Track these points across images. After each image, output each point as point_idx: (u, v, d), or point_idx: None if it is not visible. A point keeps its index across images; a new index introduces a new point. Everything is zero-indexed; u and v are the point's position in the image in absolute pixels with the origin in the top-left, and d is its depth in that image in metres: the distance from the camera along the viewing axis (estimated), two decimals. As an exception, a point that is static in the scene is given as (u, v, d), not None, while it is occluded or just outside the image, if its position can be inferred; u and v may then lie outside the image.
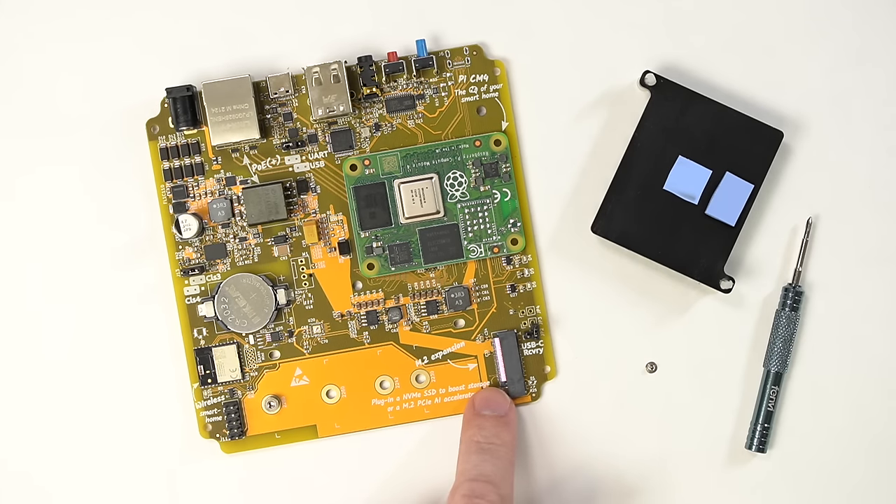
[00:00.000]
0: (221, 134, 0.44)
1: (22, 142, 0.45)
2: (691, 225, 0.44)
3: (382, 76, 0.45)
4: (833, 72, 0.46)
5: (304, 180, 0.45)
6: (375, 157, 0.45)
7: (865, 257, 0.46)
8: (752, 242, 0.46)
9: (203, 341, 0.44)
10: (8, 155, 0.45)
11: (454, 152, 0.45)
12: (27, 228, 0.45)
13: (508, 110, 0.46)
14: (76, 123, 0.45)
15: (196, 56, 0.46)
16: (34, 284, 0.45)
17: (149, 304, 0.45)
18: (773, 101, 0.46)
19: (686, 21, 0.46)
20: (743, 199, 0.44)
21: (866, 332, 0.45)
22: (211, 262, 0.45)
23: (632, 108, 0.45)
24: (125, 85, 0.45)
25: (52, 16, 0.46)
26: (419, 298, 0.45)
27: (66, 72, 0.45)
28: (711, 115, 0.44)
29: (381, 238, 0.45)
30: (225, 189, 0.45)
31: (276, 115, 0.45)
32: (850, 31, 0.46)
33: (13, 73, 0.45)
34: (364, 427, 0.45)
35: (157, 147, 0.45)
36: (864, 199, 0.46)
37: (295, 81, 0.45)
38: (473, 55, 0.45)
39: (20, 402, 0.45)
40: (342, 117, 0.45)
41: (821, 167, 0.46)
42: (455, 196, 0.45)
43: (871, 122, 0.46)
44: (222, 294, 0.44)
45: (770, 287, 0.46)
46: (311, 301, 0.45)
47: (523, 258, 0.45)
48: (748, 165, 0.44)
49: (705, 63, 0.46)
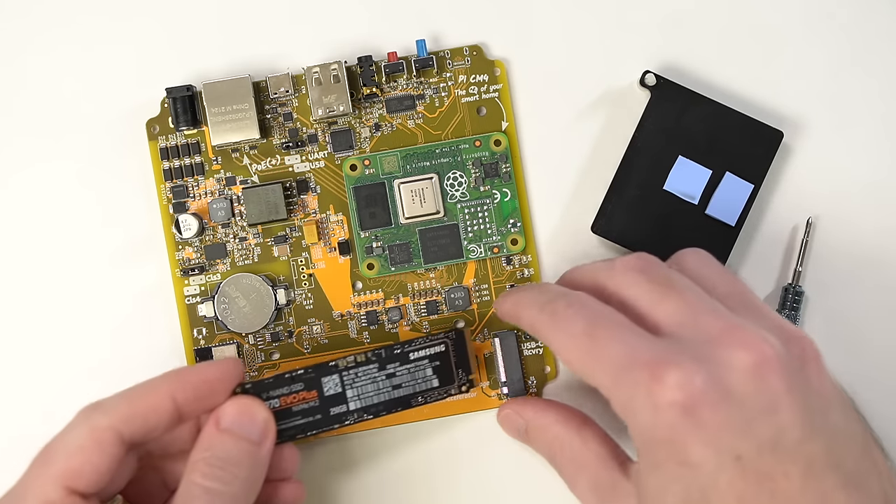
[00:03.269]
0: (221, 134, 0.44)
1: (22, 141, 0.45)
2: (691, 225, 0.44)
3: (382, 76, 0.45)
4: (833, 72, 0.46)
5: (304, 180, 0.45)
6: (375, 158, 0.45)
7: (865, 257, 0.46)
8: (752, 242, 0.46)
9: (203, 341, 0.44)
10: (9, 154, 0.45)
11: (454, 152, 0.45)
12: (27, 228, 0.45)
13: (508, 110, 0.46)
14: (76, 123, 0.45)
15: (196, 56, 0.46)
16: (34, 284, 0.45)
17: (149, 304, 0.45)
18: (773, 101, 0.46)
19: (686, 21, 0.46)
20: (743, 199, 0.44)
21: (866, 332, 0.45)
22: (211, 262, 0.45)
23: (632, 108, 0.45)
24: (125, 85, 0.45)
25: (53, 17, 0.46)
26: (419, 298, 0.45)
27: (66, 72, 0.45)
28: (711, 115, 0.44)
29: (381, 238, 0.45)
30: (225, 189, 0.45)
31: (276, 115, 0.45)
32: (849, 31, 0.46)
33: (15, 74, 0.45)
34: (364, 427, 0.45)
35: (157, 147, 0.45)
36: (864, 200, 0.46)
37: (295, 81, 0.45)
38: (473, 55, 0.46)
39: (20, 403, 0.45)
40: (342, 117, 0.45)
41: (821, 167, 0.46)
42: (455, 196, 0.45)
43: (870, 122, 0.46)
44: (222, 294, 0.44)
45: (770, 287, 0.46)
46: (310, 301, 0.45)
47: (523, 258, 0.45)
48: (748, 165, 0.44)
49: (705, 63, 0.46)
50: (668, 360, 0.33)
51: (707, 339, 0.34)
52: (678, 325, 0.35)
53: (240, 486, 0.37)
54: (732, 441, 0.33)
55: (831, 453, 0.33)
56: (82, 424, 0.36)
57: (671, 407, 0.33)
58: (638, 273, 0.37)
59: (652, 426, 0.33)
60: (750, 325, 0.34)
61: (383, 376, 0.41)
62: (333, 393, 0.41)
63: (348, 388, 0.41)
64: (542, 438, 0.41)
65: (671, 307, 0.35)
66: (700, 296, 0.36)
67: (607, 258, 0.39)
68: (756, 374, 0.33)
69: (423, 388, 0.41)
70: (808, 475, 0.32)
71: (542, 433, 0.41)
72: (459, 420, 0.45)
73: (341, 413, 0.41)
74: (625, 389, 0.34)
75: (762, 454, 0.32)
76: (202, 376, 0.38)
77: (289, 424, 0.40)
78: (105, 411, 0.36)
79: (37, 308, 0.45)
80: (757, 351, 0.33)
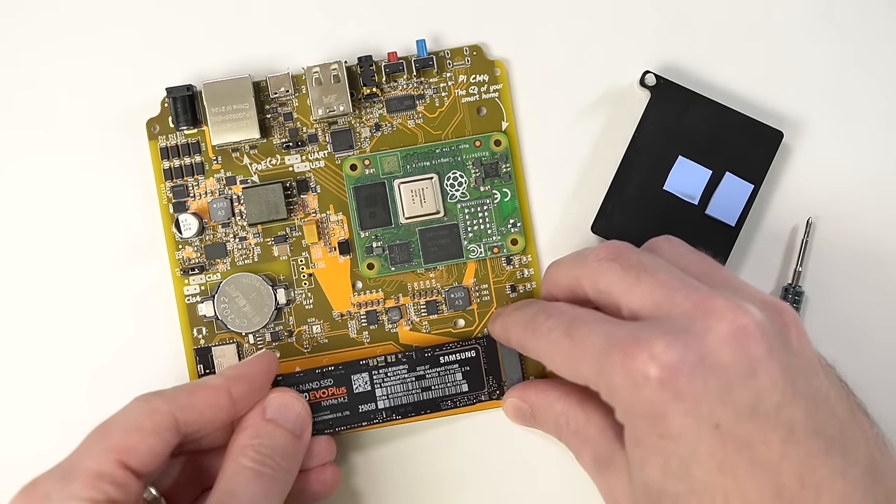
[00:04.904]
0: (221, 133, 0.44)
1: (22, 142, 0.45)
2: (691, 225, 0.44)
3: (382, 76, 0.45)
4: (833, 71, 0.46)
5: (304, 180, 0.45)
6: (375, 157, 0.45)
7: (865, 257, 0.46)
8: (752, 242, 0.46)
9: (203, 341, 0.44)
10: (8, 154, 0.45)
11: (454, 152, 0.45)
12: (27, 228, 0.45)
13: (508, 110, 0.46)
14: (76, 123, 0.45)
15: (196, 56, 0.46)
16: (34, 285, 0.45)
17: (149, 304, 0.45)
18: (773, 101, 0.46)
19: (686, 21, 0.46)
20: (743, 199, 0.44)
21: (867, 331, 0.45)
22: (211, 262, 0.45)
23: (632, 108, 0.45)
24: (125, 85, 0.45)
25: (51, 17, 0.46)
26: (419, 298, 0.45)
27: (66, 73, 0.45)
28: (711, 115, 0.44)
29: (381, 238, 0.45)
30: (225, 189, 0.45)
31: (276, 114, 0.45)
32: (849, 31, 0.46)
33: (14, 74, 0.45)
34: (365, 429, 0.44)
35: (157, 147, 0.45)
36: (864, 199, 0.46)
37: (295, 81, 0.45)
38: (473, 55, 0.46)
39: (20, 404, 0.45)
40: (342, 117, 0.45)
41: (821, 167, 0.46)
42: (455, 196, 0.45)
43: (870, 122, 0.46)
44: (222, 294, 0.44)
45: (770, 287, 0.46)
46: (310, 301, 0.45)
47: (523, 258, 0.45)
48: (748, 165, 0.44)
49: (705, 63, 0.46)
50: (642, 338, 0.33)
51: (683, 313, 0.34)
52: (655, 307, 0.35)
53: (283, 474, 0.39)
54: (711, 409, 0.32)
55: (813, 418, 0.33)
56: (142, 406, 0.37)
57: (647, 381, 0.33)
58: (611, 261, 0.37)
59: (632, 402, 0.34)
60: (727, 296, 0.34)
61: (413, 378, 0.42)
62: (363, 391, 0.42)
63: (377, 386, 0.42)
64: (547, 418, 0.41)
65: (646, 289, 0.36)
66: (673, 273, 0.36)
67: (583, 248, 0.39)
68: (734, 341, 0.33)
69: (452, 393, 0.42)
70: (789, 441, 0.32)
71: (546, 413, 0.41)
72: (461, 419, 0.45)
73: (370, 411, 0.42)
74: (605, 375, 0.34)
75: (740, 420, 0.32)
76: (252, 370, 0.40)
77: (317, 419, 0.42)
78: (165, 398, 0.37)
79: (37, 308, 0.45)
80: (733, 319, 0.33)
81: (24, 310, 0.45)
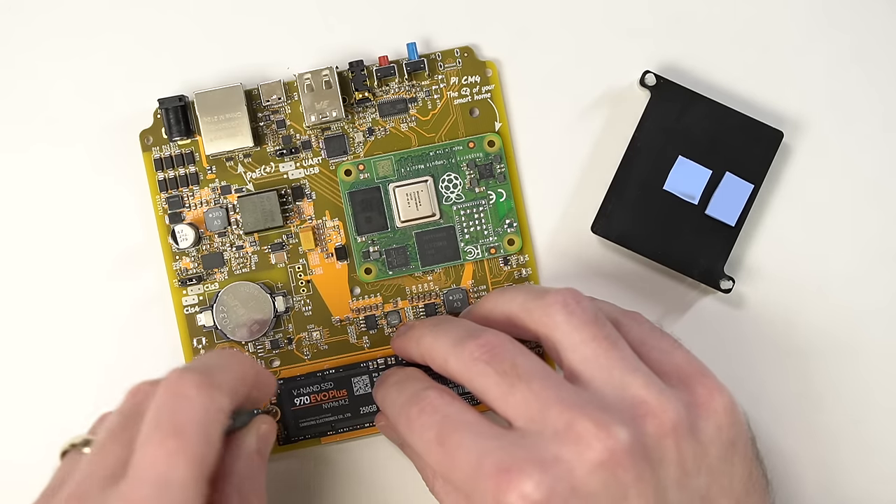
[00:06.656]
0: (215, 143, 0.44)
1: (14, 156, 0.45)
2: (691, 225, 0.44)
3: (374, 80, 0.44)
4: (833, 72, 0.45)
5: (299, 187, 0.45)
6: (370, 162, 0.44)
7: (865, 257, 0.45)
8: (752, 242, 0.45)
9: (203, 351, 0.45)
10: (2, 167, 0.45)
11: (448, 154, 0.45)
12: (23, 241, 0.45)
13: (501, 111, 0.45)
14: (69, 136, 0.45)
15: (187, 66, 0.45)
16: (32, 298, 0.45)
17: (147, 315, 0.45)
18: (773, 101, 0.45)
19: (686, 21, 0.45)
20: (743, 199, 0.44)
21: (867, 331, 0.45)
22: (208, 272, 0.45)
23: (632, 108, 0.44)
24: (117, 97, 0.45)
25: (43, 28, 0.45)
26: (418, 301, 0.45)
27: (58, 84, 0.45)
28: (711, 115, 0.43)
29: (377, 242, 0.45)
30: (220, 198, 0.45)
31: (269, 122, 0.45)
32: (849, 31, 0.45)
33: (6, 86, 0.45)
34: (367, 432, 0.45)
35: (150, 158, 0.45)
36: (864, 199, 0.45)
37: (287, 88, 0.44)
38: (464, 57, 0.45)
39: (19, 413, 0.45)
40: (335, 123, 0.44)
41: (821, 167, 0.45)
42: (450, 198, 0.45)
43: (870, 122, 0.45)
44: (221, 303, 0.44)
45: (770, 287, 0.45)
46: (309, 307, 0.45)
47: (520, 258, 0.45)
48: (748, 165, 0.43)
49: (705, 63, 0.45)
50: (513, 468, 0.33)
51: (555, 435, 0.34)
52: (527, 420, 0.35)
53: None
54: None
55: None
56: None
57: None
58: (484, 364, 0.36)
59: None
60: (598, 415, 0.34)
61: None
62: (363, 393, 0.43)
63: None
64: None
65: (520, 399, 0.35)
66: (549, 382, 0.35)
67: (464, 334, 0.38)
68: (602, 469, 0.33)
69: None
70: None
71: None
72: (459, 421, 0.45)
73: (371, 413, 0.43)
74: (478, 499, 0.34)
75: None
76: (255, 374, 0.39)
77: (318, 421, 0.43)
78: None
79: (35, 321, 0.45)
80: (602, 448, 0.33)
81: (24, 323, 0.45)
